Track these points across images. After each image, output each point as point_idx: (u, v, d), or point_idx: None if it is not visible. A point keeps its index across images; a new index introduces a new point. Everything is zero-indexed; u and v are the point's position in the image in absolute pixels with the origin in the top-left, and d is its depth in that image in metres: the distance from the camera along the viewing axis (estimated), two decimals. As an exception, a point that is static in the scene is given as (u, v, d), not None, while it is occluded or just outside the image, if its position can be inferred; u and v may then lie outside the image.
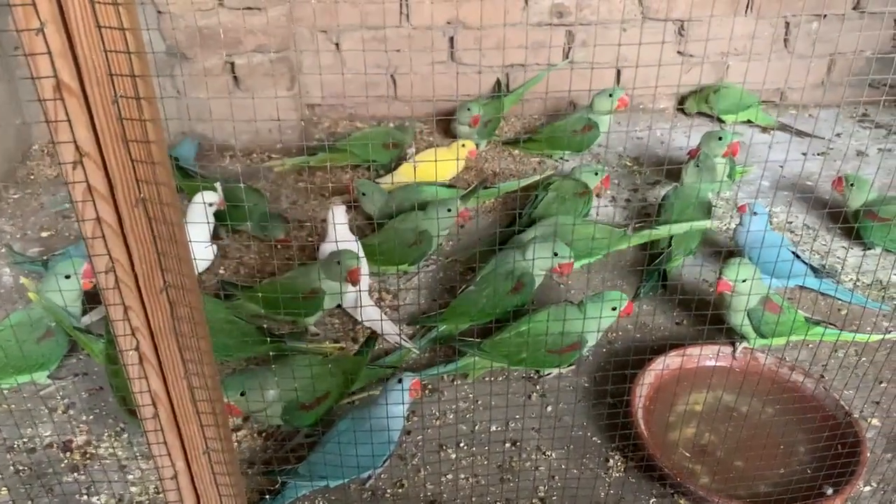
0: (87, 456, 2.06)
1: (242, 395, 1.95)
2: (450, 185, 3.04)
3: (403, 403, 1.96)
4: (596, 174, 2.90)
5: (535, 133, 3.45)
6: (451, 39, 3.51)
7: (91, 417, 2.17)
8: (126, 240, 1.12)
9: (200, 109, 3.31)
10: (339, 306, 2.51)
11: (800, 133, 3.53)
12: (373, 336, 2.34)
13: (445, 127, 3.58)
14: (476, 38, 3.49)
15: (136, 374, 1.25)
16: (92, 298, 2.23)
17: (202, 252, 2.47)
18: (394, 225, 2.67)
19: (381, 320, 2.43)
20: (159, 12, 3.11)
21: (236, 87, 3.29)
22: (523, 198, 2.99)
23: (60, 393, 2.24)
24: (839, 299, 2.59)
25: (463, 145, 3.17)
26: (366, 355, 2.24)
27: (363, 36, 3.46)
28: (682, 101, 3.77)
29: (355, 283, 2.30)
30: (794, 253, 2.57)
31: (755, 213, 2.58)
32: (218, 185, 2.65)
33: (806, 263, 2.57)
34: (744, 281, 2.19)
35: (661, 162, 3.36)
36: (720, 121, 3.64)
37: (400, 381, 1.98)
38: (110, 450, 2.07)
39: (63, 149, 1.03)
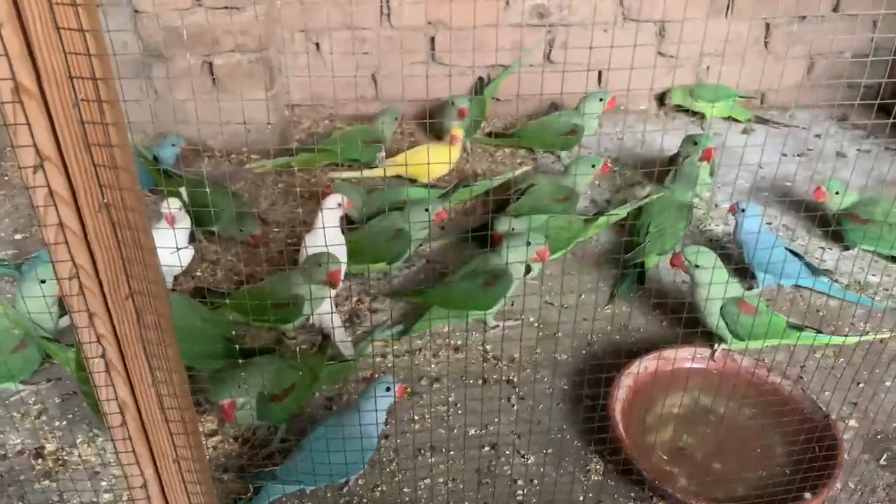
0: (60, 462, 2.03)
1: (239, 387, 1.92)
2: (433, 186, 3.02)
3: (377, 411, 1.93)
4: (593, 166, 2.92)
5: (519, 129, 3.44)
6: (432, 40, 3.50)
7: (64, 423, 2.14)
8: (90, 245, 1.10)
9: (178, 110, 3.27)
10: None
11: (777, 124, 3.59)
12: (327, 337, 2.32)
13: (426, 126, 3.57)
14: (456, 38, 3.47)
15: (102, 382, 1.23)
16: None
17: (170, 258, 2.42)
18: (371, 223, 2.67)
19: (334, 327, 2.42)
20: (136, 11, 3.08)
21: (214, 88, 3.25)
22: (503, 201, 2.97)
23: (32, 399, 2.20)
24: (833, 297, 2.59)
25: (451, 133, 3.14)
26: (325, 353, 2.23)
27: (343, 36, 3.44)
28: (662, 96, 3.75)
29: (335, 284, 2.28)
30: (790, 251, 2.57)
31: (743, 210, 2.60)
32: (182, 190, 2.61)
33: (803, 260, 2.57)
34: (697, 266, 2.21)
35: (641, 163, 3.36)
36: (699, 115, 3.65)
37: (388, 389, 1.96)
38: (83, 456, 2.04)
39: (22, 153, 1.00)
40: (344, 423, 1.92)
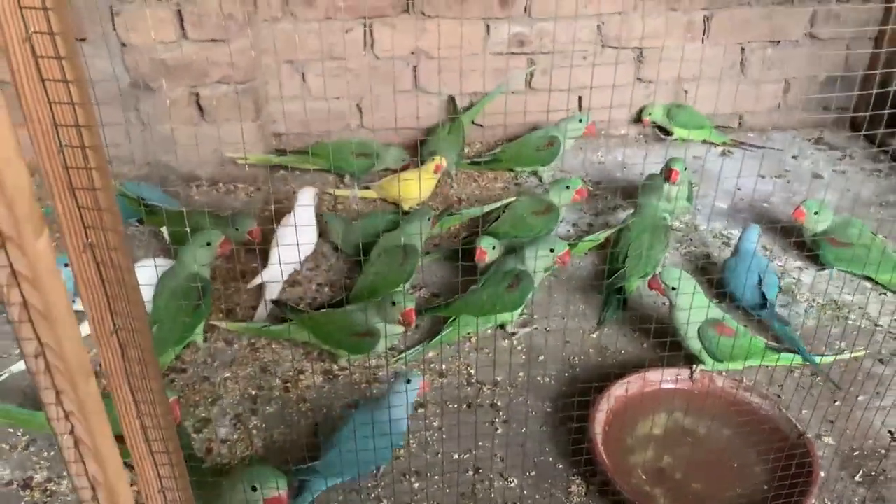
0: (48, 493, 2.05)
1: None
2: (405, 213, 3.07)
3: (406, 392, 2.04)
4: (568, 188, 2.96)
5: (499, 152, 3.50)
6: (415, 69, 3.56)
7: (52, 454, 2.16)
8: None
9: (166, 141, 3.32)
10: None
11: (753, 146, 3.67)
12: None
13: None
14: (438, 68, 3.54)
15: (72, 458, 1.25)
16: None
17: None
18: (381, 244, 2.73)
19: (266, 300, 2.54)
20: (123, 45, 3.13)
21: (202, 119, 3.30)
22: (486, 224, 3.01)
23: (21, 430, 2.22)
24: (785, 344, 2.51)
25: (433, 159, 3.15)
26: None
27: (328, 66, 3.50)
28: (640, 112, 3.79)
29: (410, 324, 2.33)
30: (759, 281, 2.56)
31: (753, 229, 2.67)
32: (164, 230, 2.67)
33: (764, 296, 2.55)
34: (673, 289, 2.26)
35: (622, 186, 3.42)
36: (666, 133, 3.70)
37: (409, 381, 2.06)
38: (72, 486, 2.06)
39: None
40: (372, 413, 2.00)
